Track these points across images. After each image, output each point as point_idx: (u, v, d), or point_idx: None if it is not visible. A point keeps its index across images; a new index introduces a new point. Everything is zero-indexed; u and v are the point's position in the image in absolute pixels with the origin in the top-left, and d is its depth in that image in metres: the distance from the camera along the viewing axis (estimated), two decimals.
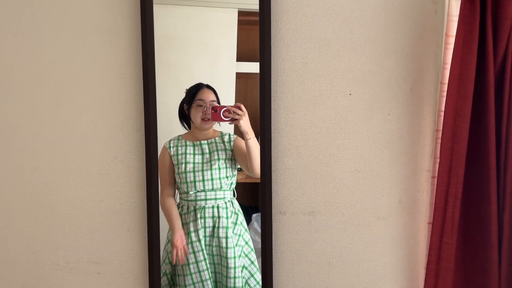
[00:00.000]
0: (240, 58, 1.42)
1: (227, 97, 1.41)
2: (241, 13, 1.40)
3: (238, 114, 1.36)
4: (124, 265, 1.42)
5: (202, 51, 1.42)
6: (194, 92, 1.39)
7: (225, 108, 1.37)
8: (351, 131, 1.40)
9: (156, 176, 1.36)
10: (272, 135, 1.38)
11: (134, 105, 1.36)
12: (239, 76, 1.43)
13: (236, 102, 1.39)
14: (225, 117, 1.37)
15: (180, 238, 1.39)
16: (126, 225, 1.41)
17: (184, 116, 1.42)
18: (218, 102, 1.40)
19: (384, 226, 1.44)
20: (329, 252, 1.44)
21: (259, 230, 1.45)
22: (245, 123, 1.36)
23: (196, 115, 1.40)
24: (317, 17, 1.36)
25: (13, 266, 1.42)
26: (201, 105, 1.39)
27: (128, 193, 1.39)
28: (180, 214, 1.42)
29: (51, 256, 1.42)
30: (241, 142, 1.41)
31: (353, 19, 1.36)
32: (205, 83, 1.40)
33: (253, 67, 1.36)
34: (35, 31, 1.34)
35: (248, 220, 1.47)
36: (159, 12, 1.32)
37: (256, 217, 1.48)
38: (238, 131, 1.39)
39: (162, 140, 1.39)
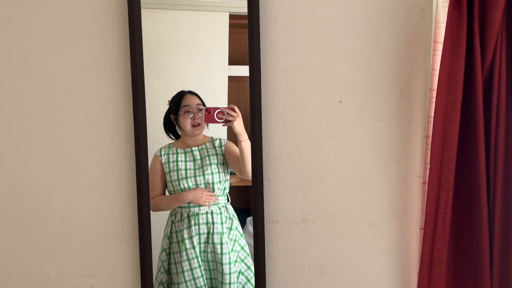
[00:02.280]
0: (232, 61, 1.42)
1: (220, 101, 1.41)
2: (232, 17, 1.40)
3: (232, 116, 1.35)
4: (116, 277, 1.41)
5: (193, 55, 1.42)
6: (178, 100, 1.38)
7: (218, 110, 1.36)
8: (341, 138, 1.40)
9: (147, 186, 1.34)
10: (263, 144, 1.38)
11: (124, 115, 1.35)
12: (232, 79, 1.43)
13: (229, 104, 1.38)
14: (219, 118, 1.36)
15: (192, 191, 1.39)
16: (118, 236, 1.39)
17: (170, 126, 1.41)
18: (204, 106, 1.39)
19: (376, 232, 1.44)
20: (322, 260, 1.44)
21: None
22: (239, 125, 1.36)
23: (185, 122, 1.39)
24: (306, 25, 1.36)
25: (4, 279, 1.40)
26: (188, 111, 1.39)
27: (119, 204, 1.38)
28: (173, 222, 1.41)
29: (41, 269, 1.40)
30: (232, 146, 1.41)
31: (342, 26, 1.37)
32: (187, 90, 1.39)
33: (246, 71, 1.35)
34: (23, 41, 1.32)
35: (243, 224, 1.47)
36: (149, 17, 1.31)
37: (250, 220, 1.48)
38: (231, 134, 1.38)
39: (155, 146, 1.38)
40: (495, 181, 1.28)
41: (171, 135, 1.42)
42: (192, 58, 1.42)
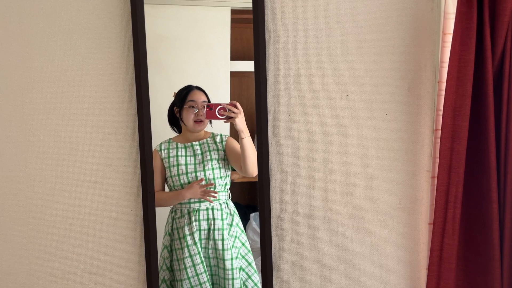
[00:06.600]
0: (234, 56, 1.40)
1: (222, 96, 1.40)
2: (234, 12, 1.39)
3: (233, 112, 1.33)
4: (122, 275, 1.40)
5: (195, 51, 1.41)
6: (185, 93, 1.37)
7: (220, 106, 1.34)
8: (349, 132, 1.38)
9: (152, 183, 1.33)
10: (269, 139, 1.36)
11: (127, 111, 1.34)
12: (234, 75, 1.42)
13: (231, 101, 1.36)
14: (221, 115, 1.34)
15: (190, 188, 1.37)
16: (123, 234, 1.38)
17: (174, 120, 1.40)
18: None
19: (385, 228, 1.43)
20: (329, 256, 1.43)
21: (257, 229, 1.43)
22: (241, 122, 1.34)
23: (188, 117, 1.38)
24: (311, 18, 1.34)
25: (8, 278, 1.40)
26: (193, 106, 1.37)
27: (124, 201, 1.37)
28: (174, 218, 1.40)
29: (46, 268, 1.39)
30: (233, 142, 1.39)
31: (348, 18, 1.34)
32: (195, 85, 1.38)
33: (248, 66, 1.35)
34: (24, 38, 1.31)
35: (246, 219, 1.46)
36: (150, 12, 1.30)
37: (254, 216, 1.47)
38: (233, 130, 1.37)
39: (158, 142, 1.38)
40: (505, 175, 1.26)
41: (175, 129, 1.40)
42: (194, 53, 1.41)
